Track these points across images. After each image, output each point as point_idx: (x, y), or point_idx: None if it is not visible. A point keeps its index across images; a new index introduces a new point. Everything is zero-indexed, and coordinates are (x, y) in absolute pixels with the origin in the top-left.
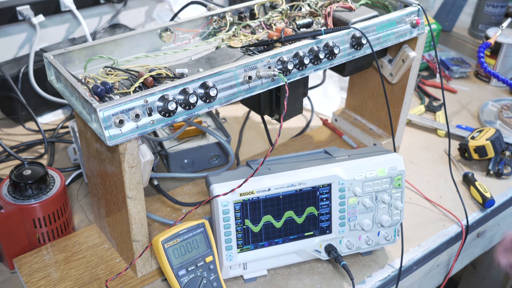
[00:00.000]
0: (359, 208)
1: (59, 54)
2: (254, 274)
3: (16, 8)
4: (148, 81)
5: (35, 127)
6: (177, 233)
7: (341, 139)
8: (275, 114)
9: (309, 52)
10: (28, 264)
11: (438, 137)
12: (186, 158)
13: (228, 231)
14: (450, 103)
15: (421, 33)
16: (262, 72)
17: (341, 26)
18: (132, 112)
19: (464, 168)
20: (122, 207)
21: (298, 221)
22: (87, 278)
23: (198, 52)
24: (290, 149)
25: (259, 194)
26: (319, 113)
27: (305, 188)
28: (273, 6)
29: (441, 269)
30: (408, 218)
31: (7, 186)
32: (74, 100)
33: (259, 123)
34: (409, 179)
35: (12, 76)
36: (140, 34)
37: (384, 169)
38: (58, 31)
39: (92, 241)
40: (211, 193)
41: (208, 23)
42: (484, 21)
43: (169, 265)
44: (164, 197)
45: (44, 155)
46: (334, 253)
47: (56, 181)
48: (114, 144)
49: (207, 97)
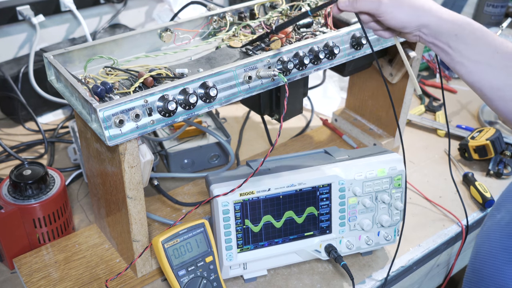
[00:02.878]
0: (359, 208)
1: (59, 54)
2: (254, 274)
3: (16, 8)
4: (148, 81)
5: (35, 127)
6: (177, 233)
7: (341, 139)
8: (275, 114)
9: (309, 52)
10: (28, 264)
11: (438, 137)
12: (186, 158)
13: (228, 231)
14: (450, 103)
15: None
16: (262, 72)
17: (326, 2)
18: (132, 112)
19: (464, 168)
20: (122, 207)
21: (298, 221)
22: (87, 278)
23: (198, 52)
24: (290, 149)
25: (259, 194)
26: (319, 113)
27: (305, 188)
28: (273, 6)
29: (441, 269)
30: (408, 218)
31: (7, 186)
32: (74, 100)
33: (259, 123)
34: (409, 179)
35: (12, 76)
36: (140, 34)
37: (384, 169)
38: (58, 31)
39: (92, 241)
40: (211, 193)
41: (208, 23)
42: (484, 21)
43: (169, 265)
44: (164, 197)
45: (44, 155)
46: (334, 253)
47: (56, 181)
48: (114, 144)
49: (207, 97)
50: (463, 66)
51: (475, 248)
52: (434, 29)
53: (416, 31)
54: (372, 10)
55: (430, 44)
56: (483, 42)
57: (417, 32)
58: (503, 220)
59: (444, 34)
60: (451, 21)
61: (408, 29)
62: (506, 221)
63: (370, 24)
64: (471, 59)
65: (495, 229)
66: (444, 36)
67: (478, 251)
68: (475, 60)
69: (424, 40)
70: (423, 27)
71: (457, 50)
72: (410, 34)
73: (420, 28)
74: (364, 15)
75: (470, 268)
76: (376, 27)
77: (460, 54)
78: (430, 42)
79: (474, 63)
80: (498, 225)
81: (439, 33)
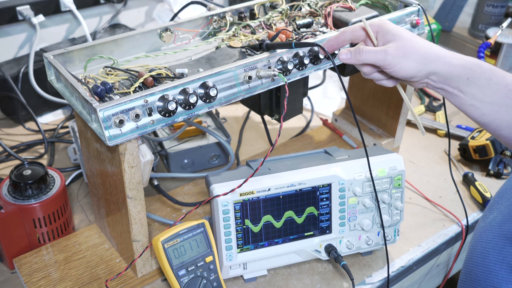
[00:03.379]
0: (359, 208)
1: (59, 54)
2: (254, 274)
3: (16, 8)
4: (148, 81)
5: (35, 127)
6: (177, 233)
7: (341, 139)
8: (275, 114)
9: (309, 52)
10: (28, 264)
11: (438, 137)
12: (186, 158)
13: (228, 231)
14: (450, 103)
15: (421, 33)
16: (262, 72)
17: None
18: (132, 112)
19: (464, 168)
20: (122, 207)
21: (298, 221)
22: (87, 278)
23: (198, 52)
24: (290, 149)
25: (259, 194)
26: (319, 113)
27: (305, 188)
28: (273, 6)
29: (441, 269)
30: (408, 218)
31: (7, 186)
32: (74, 100)
33: (259, 123)
34: (409, 179)
35: (12, 76)
36: (140, 34)
37: (384, 169)
38: (58, 31)
39: (92, 241)
40: (211, 193)
41: (208, 23)
42: (484, 21)
43: (169, 265)
44: (164, 197)
45: (44, 155)
46: (334, 253)
47: (56, 181)
48: (114, 144)
49: (207, 97)
50: (476, 109)
51: (468, 250)
52: (444, 75)
53: (424, 79)
54: (379, 62)
55: (438, 90)
56: (495, 82)
57: (425, 80)
58: (494, 220)
59: (455, 79)
60: (461, 66)
61: (416, 78)
62: (498, 221)
63: (373, 75)
64: (485, 101)
65: (487, 230)
66: (454, 81)
67: (471, 252)
68: (489, 102)
69: (433, 86)
70: (432, 75)
71: (468, 93)
72: (417, 82)
73: (429, 76)
74: (367, 67)
75: (464, 270)
76: (379, 78)
77: (472, 97)
78: (439, 88)
79: (488, 104)
80: (490, 225)
81: (449, 79)
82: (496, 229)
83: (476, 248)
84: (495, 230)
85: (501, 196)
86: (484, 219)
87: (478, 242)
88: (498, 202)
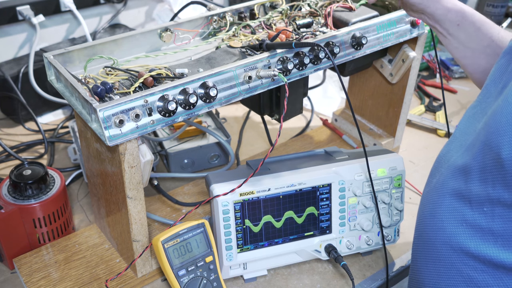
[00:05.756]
0: (359, 208)
1: (59, 54)
2: (254, 274)
3: (16, 8)
4: (148, 81)
5: (35, 127)
6: (177, 233)
7: (341, 139)
8: (275, 114)
9: (309, 52)
10: (28, 264)
11: (438, 137)
12: (186, 158)
13: (228, 231)
14: (450, 103)
15: (421, 33)
16: (262, 72)
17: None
18: (132, 112)
19: None
20: (122, 207)
21: (298, 221)
22: (87, 278)
23: (198, 52)
24: (290, 149)
25: (259, 194)
26: (319, 113)
27: (305, 188)
28: (273, 6)
29: None
30: (408, 218)
31: (7, 186)
32: (74, 100)
33: (259, 123)
34: (409, 179)
35: (12, 76)
36: (140, 34)
37: (384, 169)
38: (58, 31)
39: (92, 241)
40: (211, 193)
41: (208, 23)
42: None
43: (169, 265)
44: (164, 197)
45: (44, 155)
46: (334, 253)
47: (56, 181)
48: (114, 144)
49: (207, 97)
50: (459, 51)
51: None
52: (437, 17)
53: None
54: None
55: (430, 26)
56: (482, 32)
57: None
58: (438, 182)
59: (446, 23)
60: (455, 11)
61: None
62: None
63: None
64: (469, 47)
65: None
66: (445, 24)
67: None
68: (472, 48)
69: (426, 21)
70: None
71: (455, 37)
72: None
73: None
74: None
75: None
76: None
77: (458, 41)
78: (431, 25)
79: (470, 50)
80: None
81: (441, 21)
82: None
83: (424, 210)
84: (439, 191)
85: (439, 161)
86: (428, 185)
87: (426, 205)
88: (438, 167)
